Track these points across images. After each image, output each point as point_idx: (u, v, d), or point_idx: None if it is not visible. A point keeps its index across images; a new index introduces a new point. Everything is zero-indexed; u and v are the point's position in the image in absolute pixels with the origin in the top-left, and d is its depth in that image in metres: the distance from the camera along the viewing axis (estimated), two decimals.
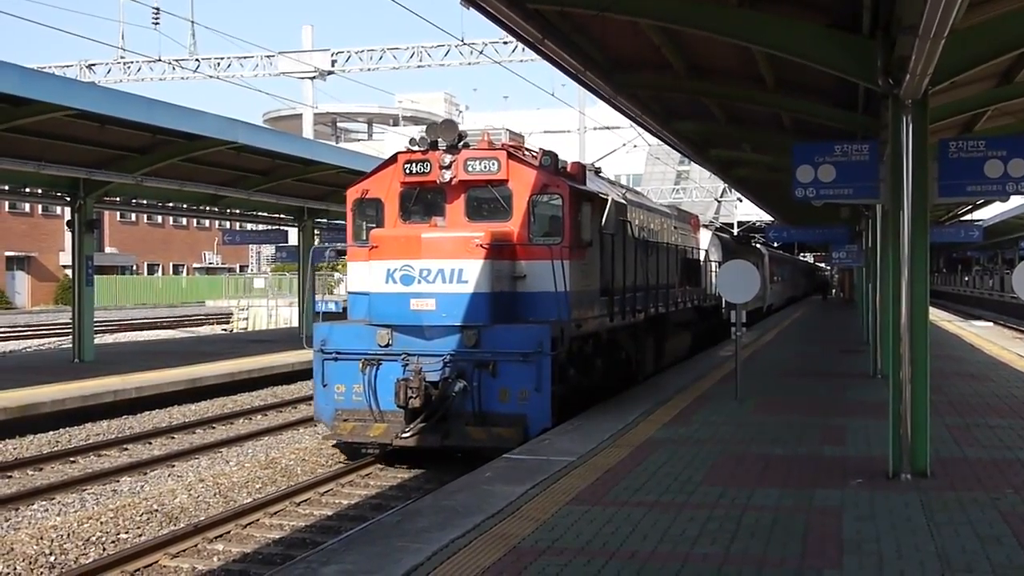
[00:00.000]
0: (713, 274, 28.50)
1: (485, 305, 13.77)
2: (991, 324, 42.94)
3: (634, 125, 23.41)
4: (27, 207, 65.29)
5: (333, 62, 59.15)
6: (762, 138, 22.60)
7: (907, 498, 9.21)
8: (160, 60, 49.30)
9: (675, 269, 23.17)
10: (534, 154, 15.56)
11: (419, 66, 38.49)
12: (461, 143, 14.71)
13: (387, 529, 8.24)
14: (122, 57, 51.29)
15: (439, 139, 14.72)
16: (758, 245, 49.99)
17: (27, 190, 26.32)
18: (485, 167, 14.56)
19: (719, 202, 66.99)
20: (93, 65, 53.34)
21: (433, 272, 13.66)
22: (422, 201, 15.14)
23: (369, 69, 56.46)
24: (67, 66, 48.10)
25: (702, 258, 28.19)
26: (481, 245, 13.74)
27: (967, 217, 46.47)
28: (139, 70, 54.42)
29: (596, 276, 15.81)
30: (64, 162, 22.39)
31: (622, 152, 53.39)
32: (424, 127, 15.31)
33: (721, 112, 20.25)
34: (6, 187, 25.51)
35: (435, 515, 8.61)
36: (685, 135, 23.05)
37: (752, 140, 23.22)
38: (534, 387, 13.42)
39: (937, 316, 41.92)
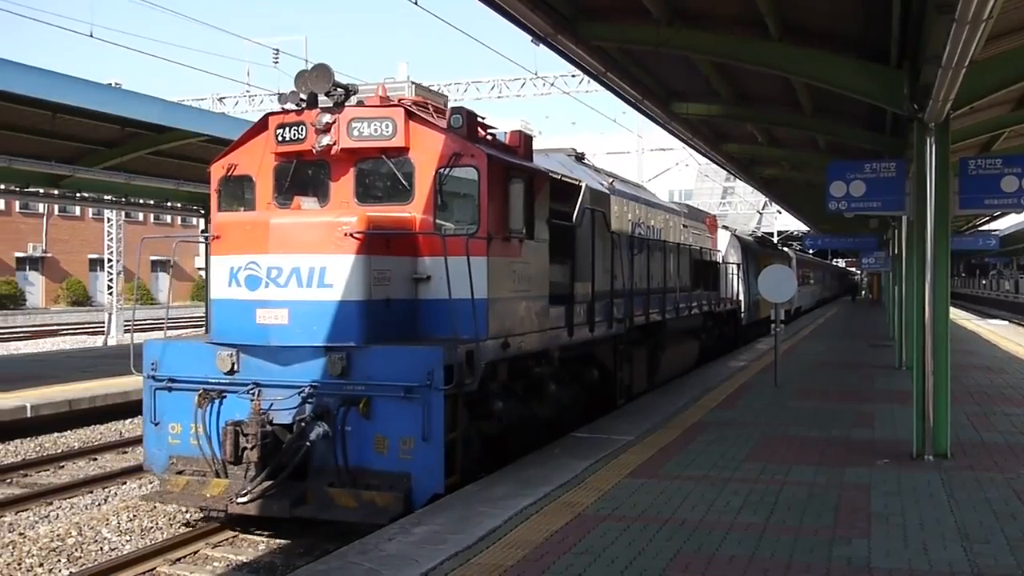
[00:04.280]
0: (734, 277, 24.96)
1: (357, 318, 8.77)
2: (1006, 323, 41.75)
3: (686, 147, 23.25)
4: None
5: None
6: (799, 157, 22.32)
7: (929, 477, 8.99)
8: (280, 93, 50.10)
9: (683, 271, 18.24)
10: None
11: (499, 97, 38.55)
12: (345, 98, 9.69)
13: (469, 496, 8.27)
14: (248, 91, 52.42)
15: (313, 92, 9.69)
16: (785, 248, 48.51)
17: (168, 204, 26.67)
18: (376, 130, 9.50)
19: (760, 214, 66.07)
20: (223, 98, 54.64)
21: (285, 271, 8.78)
22: (300, 178, 10.08)
23: (455, 100, 56.87)
24: (201, 99, 49.20)
25: (719, 260, 23.07)
26: (352, 234, 8.74)
27: (985, 227, 45.35)
28: (262, 102, 55.50)
29: (542, 279, 10.68)
30: (197, 180, 22.86)
31: (675, 170, 53.11)
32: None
33: (763, 135, 20.05)
34: (152, 201, 25.95)
35: (511, 485, 8.61)
36: (731, 155, 22.84)
37: (791, 159, 22.95)
38: (420, 435, 8.44)
39: (957, 315, 40.86)
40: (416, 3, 17.52)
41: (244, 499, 8.56)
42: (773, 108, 16.40)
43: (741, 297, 25.93)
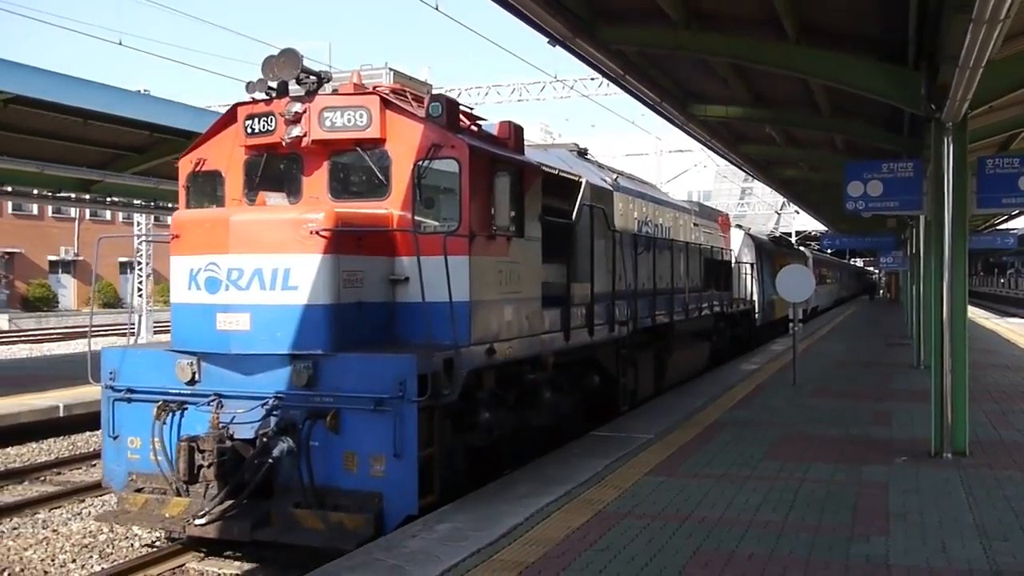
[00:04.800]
0: (747, 277, 24.15)
1: (324, 323, 7.98)
2: None
3: (704, 148, 23.15)
4: None
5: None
6: (817, 158, 22.18)
7: (948, 475, 8.91)
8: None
9: (692, 271, 17.27)
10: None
11: (519, 100, 38.61)
12: (317, 86, 8.85)
13: (490, 494, 8.27)
14: None
15: (283, 80, 8.85)
16: (802, 248, 47.83)
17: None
18: (349, 120, 8.71)
19: (779, 214, 65.73)
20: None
21: (247, 273, 8.00)
22: (271, 174, 9.24)
23: (476, 104, 56.90)
24: (227, 105, 49.48)
25: (732, 260, 22.12)
26: (318, 232, 7.95)
27: (1003, 226, 44.86)
28: None
29: (533, 280, 9.86)
30: None
31: (693, 171, 52.95)
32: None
33: (781, 136, 19.93)
34: (169, 204, 25.28)
35: (531, 483, 8.61)
36: (749, 156, 22.73)
37: (808, 160, 22.81)
38: (392, 451, 7.63)
39: (975, 314, 40.41)
40: (437, 8, 17.56)
41: (202, 521, 7.76)
42: (791, 109, 16.31)
43: (755, 297, 25.24)
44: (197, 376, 8.33)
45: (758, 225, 53.14)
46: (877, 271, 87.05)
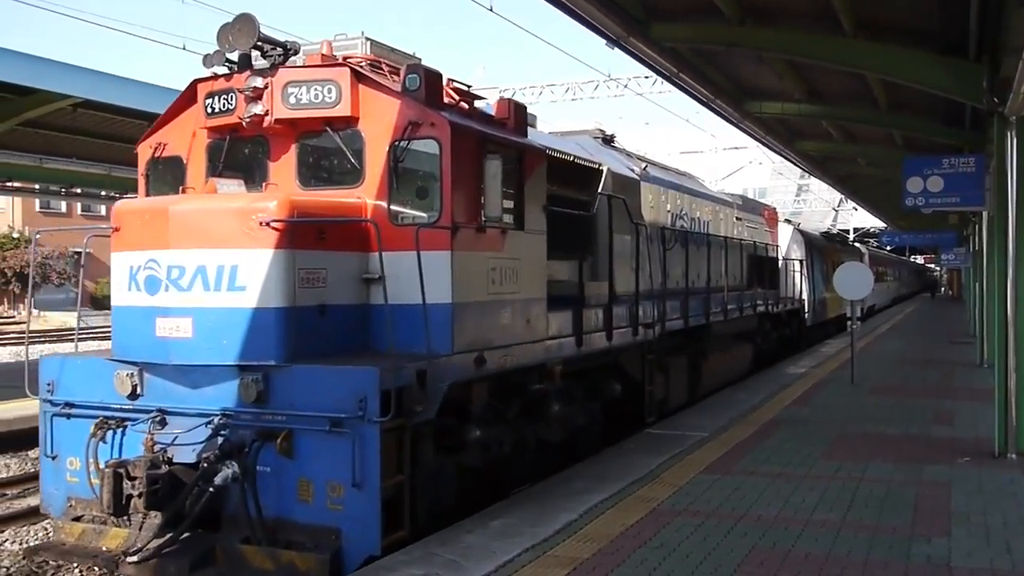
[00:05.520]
0: (796, 274, 22.92)
1: (277, 329, 6.85)
2: None
3: (759, 145, 22.88)
4: None
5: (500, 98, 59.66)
6: (875, 153, 21.82)
7: (1012, 476, 8.69)
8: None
9: (733, 268, 16.08)
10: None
11: (573, 100, 38.53)
12: (283, 58, 7.71)
13: (546, 490, 8.27)
14: None
15: (245, 53, 7.68)
16: (857, 244, 46.46)
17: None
18: (316, 96, 7.55)
19: (836, 211, 64.70)
20: None
21: (188, 271, 6.89)
22: (236, 158, 8.09)
23: (530, 103, 56.91)
24: None
25: (779, 256, 20.78)
26: (269, 223, 6.81)
27: None
28: None
29: (536, 278, 8.65)
30: None
31: (748, 168, 52.39)
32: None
33: (838, 132, 19.63)
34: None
35: (587, 480, 8.59)
36: (806, 153, 22.42)
37: (866, 156, 22.44)
38: (351, 480, 6.47)
39: None
40: (491, 9, 17.61)
41: (134, 558, 6.58)
42: (848, 104, 16.06)
43: (804, 296, 24.04)
44: (140, 389, 7.24)
45: (814, 222, 52.36)
46: (938, 268, 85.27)
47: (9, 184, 22.90)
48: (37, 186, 21.08)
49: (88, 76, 15.01)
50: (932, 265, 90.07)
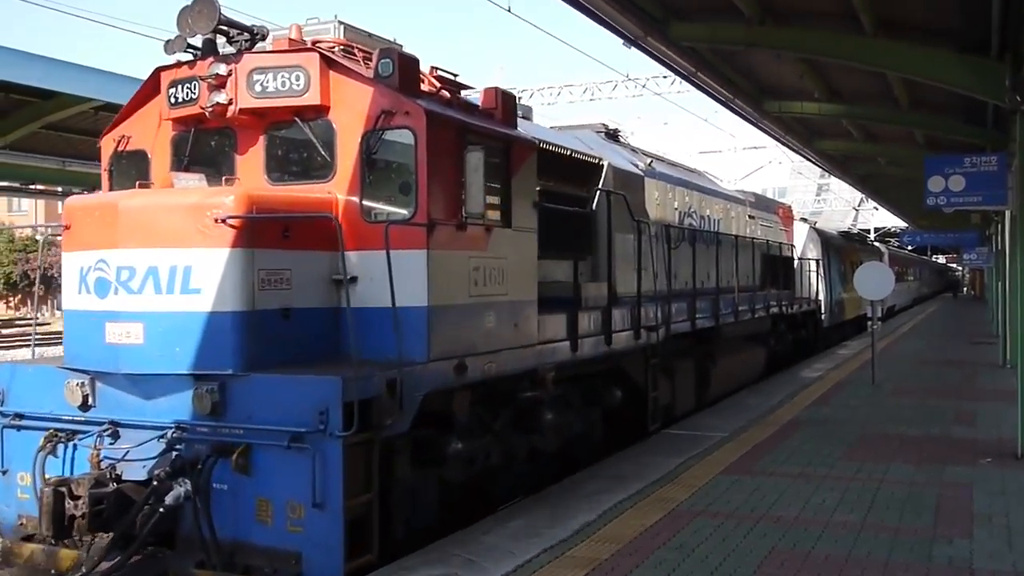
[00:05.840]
0: (812, 274, 22.45)
1: (234, 336, 6.34)
2: None
3: (779, 144, 22.77)
4: None
5: (519, 98, 59.61)
6: (896, 153, 21.66)
7: None
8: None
9: (745, 268, 15.53)
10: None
11: (591, 100, 38.47)
12: (250, 44, 7.22)
13: (562, 492, 8.26)
14: None
15: (209, 39, 7.18)
16: (877, 244, 45.87)
17: None
18: (284, 84, 7.05)
19: (857, 210, 64.23)
20: None
21: (139, 272, 6.43)
22: (202, 152, 7.64)
23: (548, 103, 56.86)
24: None
25: (795, 256, 20.20)
26: (225, 220, 6.32)
27: None
28: None
29: (525, 278, 8.10)
30: None
31: (768, 168, 52.11)
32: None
33: (858, 131, 19.50)
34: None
35: (603, 481, 8.57)
36: (825, 152, 22.30)
37: (887, 155, 22.27)
38: (311, 500, 5.97)
39: None
40: (509, 10, 17.60)
41: None
42: (868, 104, 15.95)
43: (821, 297, 23.64)
44: (92, 399, 6.76)
45: (835, 222, 51.97)
46: (960, 268, 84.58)
47: (32, 187, 23.27)
48: (60, 189, 21.26)
49: (109, 79, 15.14)
50: (954, 265, 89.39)
